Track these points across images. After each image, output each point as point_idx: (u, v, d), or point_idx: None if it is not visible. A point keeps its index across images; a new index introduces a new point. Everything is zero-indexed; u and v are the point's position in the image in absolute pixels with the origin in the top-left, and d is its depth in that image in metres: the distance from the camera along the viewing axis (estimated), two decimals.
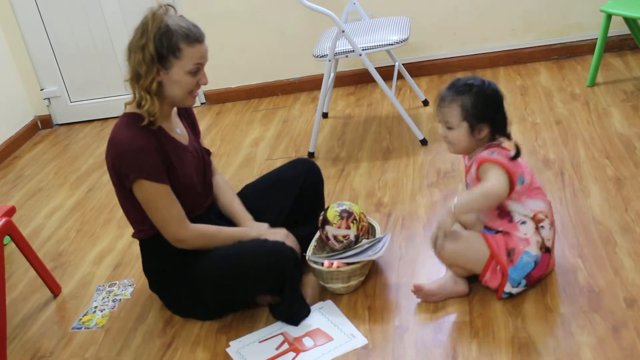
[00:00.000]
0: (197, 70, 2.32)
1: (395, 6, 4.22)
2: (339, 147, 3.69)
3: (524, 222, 2.27)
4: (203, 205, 2.53)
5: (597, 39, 3.73)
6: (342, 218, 2.55)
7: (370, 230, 2.68)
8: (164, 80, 2.29)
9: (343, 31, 3.42)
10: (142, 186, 2.29)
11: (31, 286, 2.97)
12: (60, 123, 4.90)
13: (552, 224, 2.31)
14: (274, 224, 2.57)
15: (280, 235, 2.49)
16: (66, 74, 4.76)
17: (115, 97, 4.70)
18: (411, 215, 2.93)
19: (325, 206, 2.70)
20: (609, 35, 3.73)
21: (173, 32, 2.25)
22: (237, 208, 2.60)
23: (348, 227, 2.54)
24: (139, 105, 2.30)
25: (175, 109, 2.48)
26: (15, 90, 4.73)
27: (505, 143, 2.33)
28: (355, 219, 2.56)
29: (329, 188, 3.20)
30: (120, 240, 3.22)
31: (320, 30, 3.89)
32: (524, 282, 2.29)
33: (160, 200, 2.32)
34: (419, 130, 3.53)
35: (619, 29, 3.92)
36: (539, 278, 2.33)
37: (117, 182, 2.36)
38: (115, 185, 2.39)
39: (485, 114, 2.26)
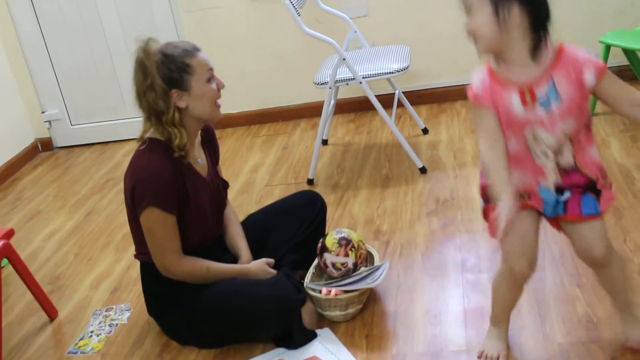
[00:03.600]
0: (211, 77, 2.35)
1: (396, 35, 4.25)
2: (338, 174, 3.69)
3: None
4: (212, 237, 2.53)
5: None
6: (340, 245, 2.55)
7: (368, 258, 2.68)
8: (189, 104, 2.31)
9: (344, 59, 3.44)
10: (151, 213, 2.29)
11: (28, 309, 2.96)
12: (60, 146, 4.91)
13: None
14: (277, 255, 2.57)
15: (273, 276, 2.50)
16: (68, 97, 4.78)
17: (116, 120, 4.73)
18: (409, 243, 2.93)
19: (324, 234, 2.70)
20: (608, 65, 3.73)
21: (172, 55, 2.27)
22: (239, 243, 2.60)
23: (346, 255, 2.54)
24: (169, 141, 2.31)
25: (199, 138, 2.49)
26: (17, 112, 4.74)
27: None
28: (353, 247, 2.56)
29: (328, 215, 3.19)
30: (118, 265, 3.21)
31: (321, 57, 3.91)
32: None
33: (163, 229, 2.32)
34: (418, 159, 3.53)
35: (618, 59, 3.94)
36: None
37: (129, 203, 2.37)
38: (127, 206, 2.40)
39: None
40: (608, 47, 3.65)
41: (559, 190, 1.96)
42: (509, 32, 1.79)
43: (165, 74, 2.26)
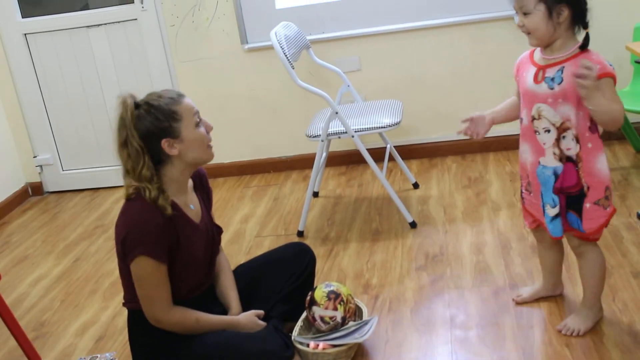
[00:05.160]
0: (199, 121, 2.36)
1: (388, 90, 4.30)
2: (328, 226, 3.70)
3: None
4: (204, 286, 2.51)
5: None
6: (329, 299, 2.54)
7: (357, 312, 2.66)
8: (181, 150, 2.32)
9: (337, 112, 3.48)
10: (141, 262, 2.28)
11: (11, 356, 2.92)
12: (51, 191, 4.91)
13: None
14: (267, 306, 2.55)
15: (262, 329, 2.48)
16: (60, 143, 4.80)
17: (107, 167, 4.73)
18: (398, 298, 2.92)
19: (313, 286, 2.69)
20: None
21: (159, 104, 2.29)
22: (230, 294, 2.58)
23: (335, 309, 2.53)
24: (150, 198, 2.30)
25: (191, 183, 2.49)
26: (8, 156, 4.75)
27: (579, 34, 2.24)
28: (342, 301, 2.55)
29: (317, 267, 3.18)
30: (105, 312, 3.18)
31: (314, 109, 3.95)
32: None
33: (153, 278, 2.30)
34: (408, 213, 3.54)
35: None
36: None
37: (120, 252, 2.35)
38: (118, 254, 2.38)
39: None
40: None
41: (556, 190, 2.33)
42: (558, 29, 2.19)
43: (152, 124, 2.28)
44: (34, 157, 4.82)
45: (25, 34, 4.58)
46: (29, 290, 3.51)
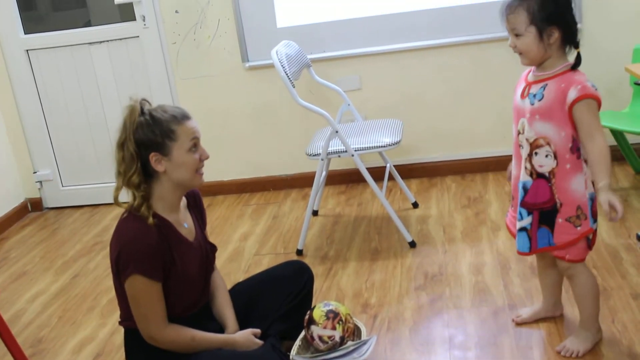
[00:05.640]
0: (195, 146, 2.34)
1: (388, 109, 4.31)
2: (327, 245, 3.69)
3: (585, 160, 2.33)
4: (198, 304, 2.50)
5: None
6: (328, 318, 2.53)
7: (355, 332, 2.65)
8: (167, 168, 2.31)
9: (337, 131, 3.48)
10: (135, 280, 2.27)
11: None
12: (50, 207, 4.91)
13: None
14: (264, 325, 2.55)
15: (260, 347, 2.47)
16: (60, 159, 4.80)
17: (107, 184, 4.73)
18: (397, 317, 2.91)
19: (312, 305, 2.68)
20: None
21: (160, 118, 2.29)
22: (226, 313, 2.57)
23: (334, 328, 2.52)
24: (133, 205, 2.31)
25: (184, 201, 2.49)
26: (8, 171, 4.75)
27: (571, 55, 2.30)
28: (341, 320, 2.54)
29: (316, 286, 3.18)
30: (102, 330, 3.17)
31: (314, 128, 3.96)
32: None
33: (148, 296, 2.29)
34: (407, 233, 3.54)
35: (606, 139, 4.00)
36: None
37: (114, 270, 2.35)
38: (113, 272, 2.38)
39: (554, 15, 2.21)
40: None
41: (526, 207, 2.38)
42: (549, 50, 2.24)
43: (147, 135, 2.28)
44: (34, 172, 4.83)
45: (27, 50, 4.60)
46: (27, 307, 3.50)
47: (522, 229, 2.42)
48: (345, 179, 4.50)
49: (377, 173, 3.90)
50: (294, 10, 4.32)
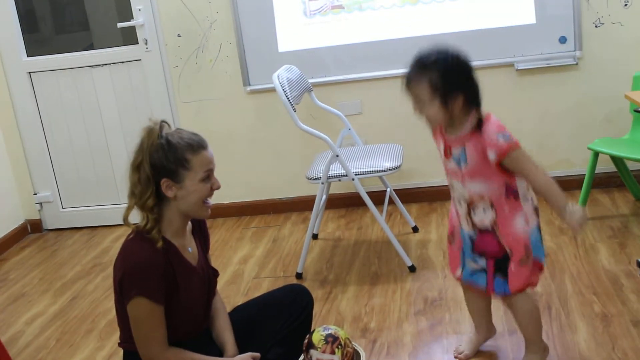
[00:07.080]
0: (208, 177, 2.34)
1: (389, 134, 4.32)
2: (327, 269, 3.69)
3: (526, 200, 2.34)
4: (200, 328, 2.49)
5: (584, 175, 3.82)
6: (327, 342, 2.51)
7: (355, 356, 2.63)
8: (177, 195, 2.31)
9: (337, 155, 3.49)
10: (138, 303, 2.26)
11: None
12: (50, 228, 4.91)
13: None
14: (263, 349, 2.53)
15: None
16: (60, 180, 4.81)
17: (106, 206, 4.74)
18: (397, 342, 2.90)
19: (311, 329, 2.67)
20: (596, 172, 3.82)
21: (176, 145, 2.28)
22: (226, 337, 2.55)
23: (333, 352, 2.50)
24: (145, 227, 2.30)
25: (190, 226, 2.48)
26: (8, 192, 4.76)
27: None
28: (340, 344, 2.52)
29: (316, 310, 3.16)
30: (100, 353, 3.16)
31: (314, 152, 3.97)
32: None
33: (150, 319, 2.29)
34: (407, 257, 3.54)
35: (605, 166, 4.01)
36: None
37: (118, 292, 2.34)
38: (116, 294, 2.37)
39: (455, 85, 2.22)
40: (596, 154, 3.73)
41: (476, 250, 2.41)
42: (454, 113, 2.25)
43: (161, 160, 2.27)
44: (34, 194, 4.83)
45: (29, 72, 4.62)
46: (25, 329, 3.49)
47: (482, 270, 2.44)
48: (346, 203, 4.51)
49: (377, 197, 3.90)
50: (296, 35, 4.35)
